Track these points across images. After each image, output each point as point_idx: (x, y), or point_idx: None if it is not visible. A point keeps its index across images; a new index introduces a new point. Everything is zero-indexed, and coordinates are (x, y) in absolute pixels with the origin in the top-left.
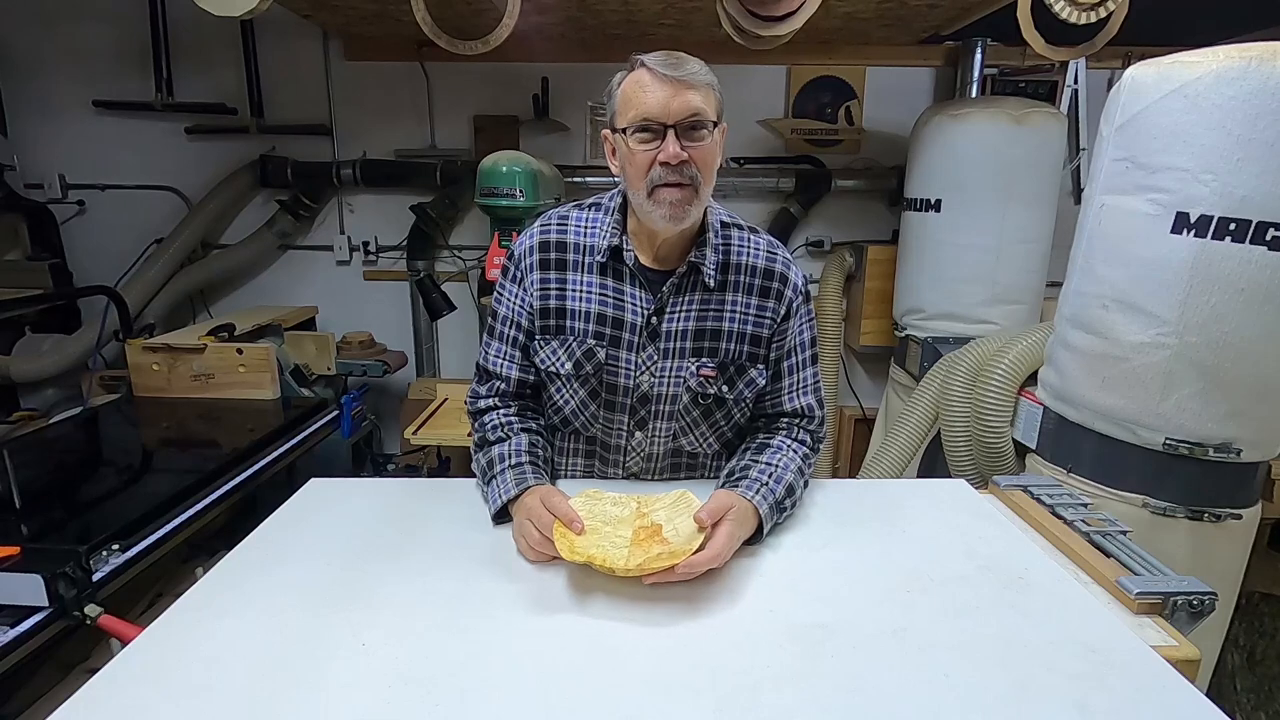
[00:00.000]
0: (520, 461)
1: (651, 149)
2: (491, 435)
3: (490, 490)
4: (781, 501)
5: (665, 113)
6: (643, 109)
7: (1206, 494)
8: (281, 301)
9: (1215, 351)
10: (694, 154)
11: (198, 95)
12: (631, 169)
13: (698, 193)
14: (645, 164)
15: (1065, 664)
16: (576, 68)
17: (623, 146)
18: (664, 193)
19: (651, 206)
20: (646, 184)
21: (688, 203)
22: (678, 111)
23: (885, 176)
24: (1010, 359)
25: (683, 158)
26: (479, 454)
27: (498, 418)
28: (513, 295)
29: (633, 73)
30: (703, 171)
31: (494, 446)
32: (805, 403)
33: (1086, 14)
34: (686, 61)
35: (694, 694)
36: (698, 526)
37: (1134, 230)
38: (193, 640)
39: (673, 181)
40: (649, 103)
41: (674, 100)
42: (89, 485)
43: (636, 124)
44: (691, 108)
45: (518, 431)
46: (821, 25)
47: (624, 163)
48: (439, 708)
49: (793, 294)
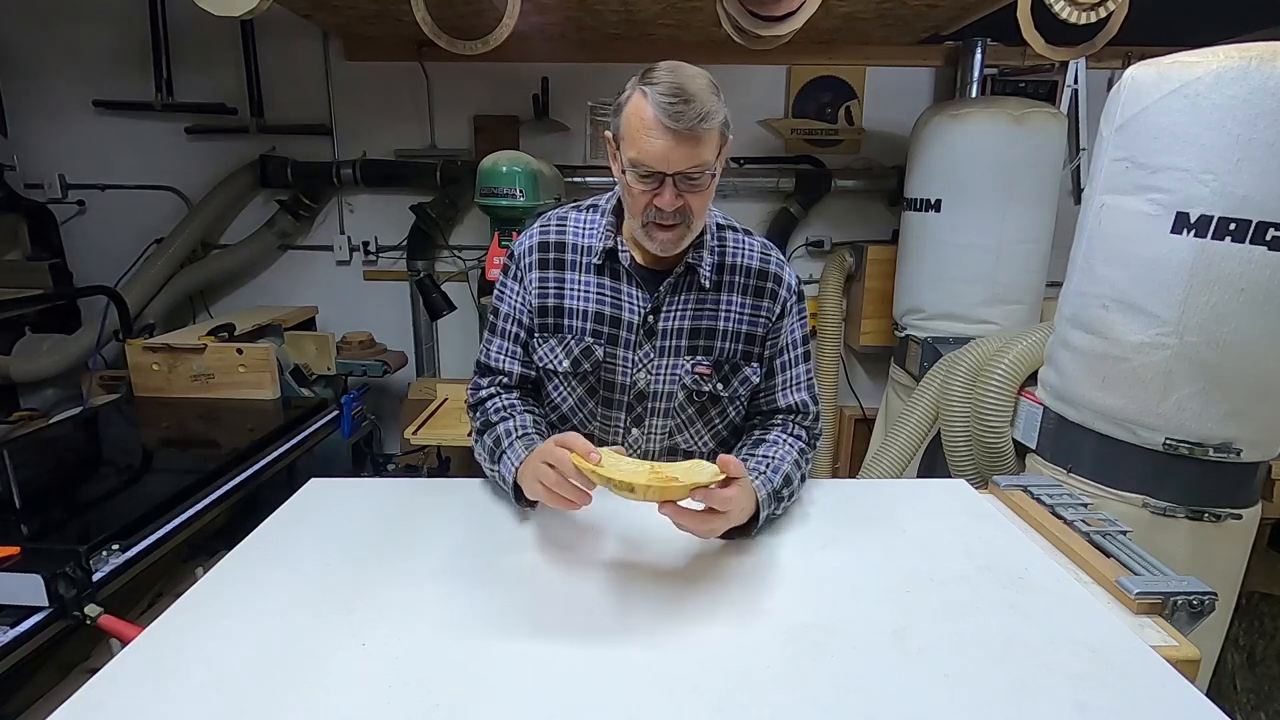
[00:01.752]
0: (528, 432)
1: (649, 191)
2: (495, 416)
3: (502, 467)
4: (779, 491)
5: (666, 164)
6: (643, 154)
7: (1206, 494)
8: (281, 301)
9: (1215, 351)
10: (689, 199)
11: (198, 95)
12: (629, 199)
13: (690, 228)
14: (642, 203)
15: (1065, 664)
16: (576, 68)
17: (618, 161)
18: (655, 231)
19: (644, 236)
20: (641, 219)
21: (679, 240)
22: (677, 163)
23: (885, 176)
24: (1010, 359)
25: (677, 205)
26: (483, 437)
27: (499, 401)
28: (514, 293)
29: (640, 100)
30: (696, 211)
31: (498, 425)
32: (799, 399)
33: (1086, 14)
34: (694, 103)
35: (694, 694)
36: (718, 469)
37: (1134, 230)
38: (193, 640)
39: (665, 224)
40: (650, 152)
41: (675, 151)
42: (89, 485)
43: (637, 168)
44: (691, 161)
45: (520, 412)
46: (821, 25)
47: (623, 187)
48: (439, 708)
49: (786, 294)
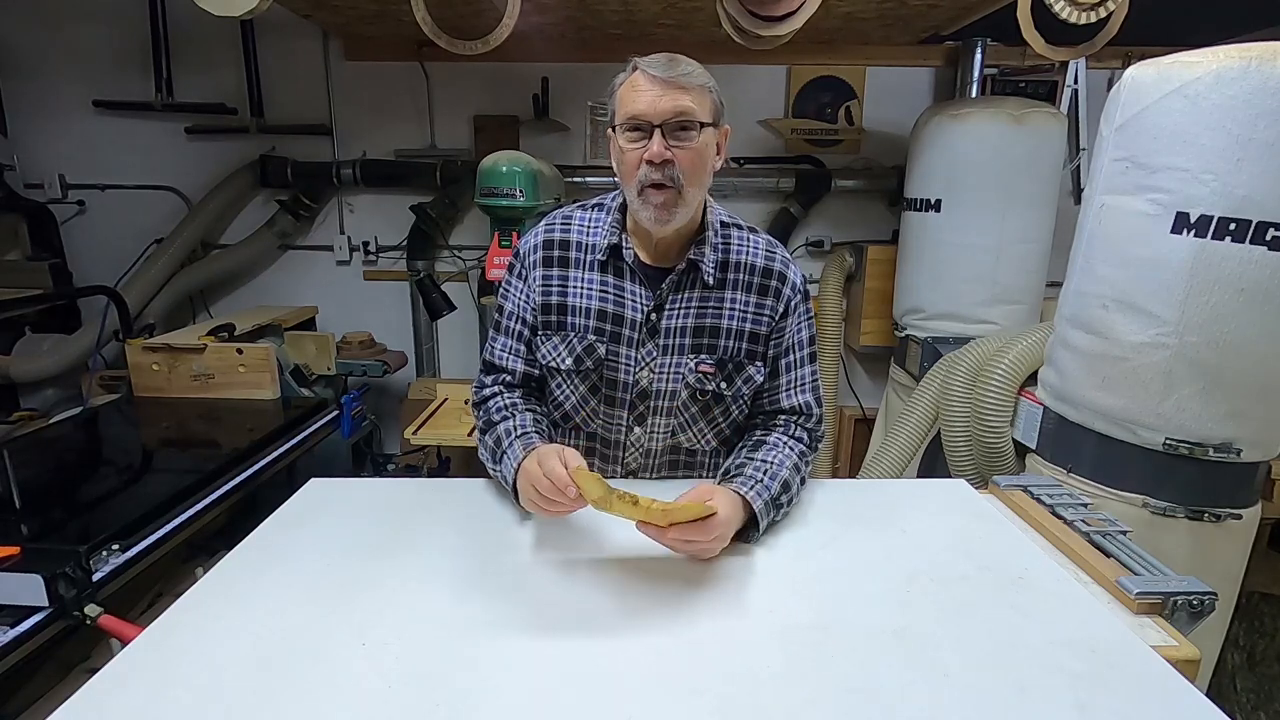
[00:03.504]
0: (528, 432)
1: (639, 148)
2: (496, 416)
3: (502, 467)
4: (777, 498)
5: (653, 111)
6: (632, 108)
7: (1206, 494)
8: (281, 301)
9: (1215, 351)
10: (680, 155)
11: (198, 95)
12: (623, 167)
13: (681, 194)
14: (634, 162)
15: (1065, 664)
16: (576, 68)
17: (616, 144)
18: (650, 194)
19: (640, 206)
20: (636, 183)
21: (672, 205)
22: (665, 111)
23: (885, 176)
24: (1010, 359)
25: (665, 156)
26: (485, 436)
27: (501, 400)
28: (518, 291)
29: (631, 75)
30: (687, 173)
31: (499, 425)
32: (803, 400)
33: (1086, 14)
34: (680, 63)
35: (694, 694)
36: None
37: (1134, 230)
38: (193, 640)
39: (656, 182)
40: (638, 101)
41: (662, 99)
42: (89, 485)
43: (627, 123)
44: (679, 108)
45: (522, 411)
46: (821, 25)
47: (617, 161)
48: (439, 708)
49: (791, 292)
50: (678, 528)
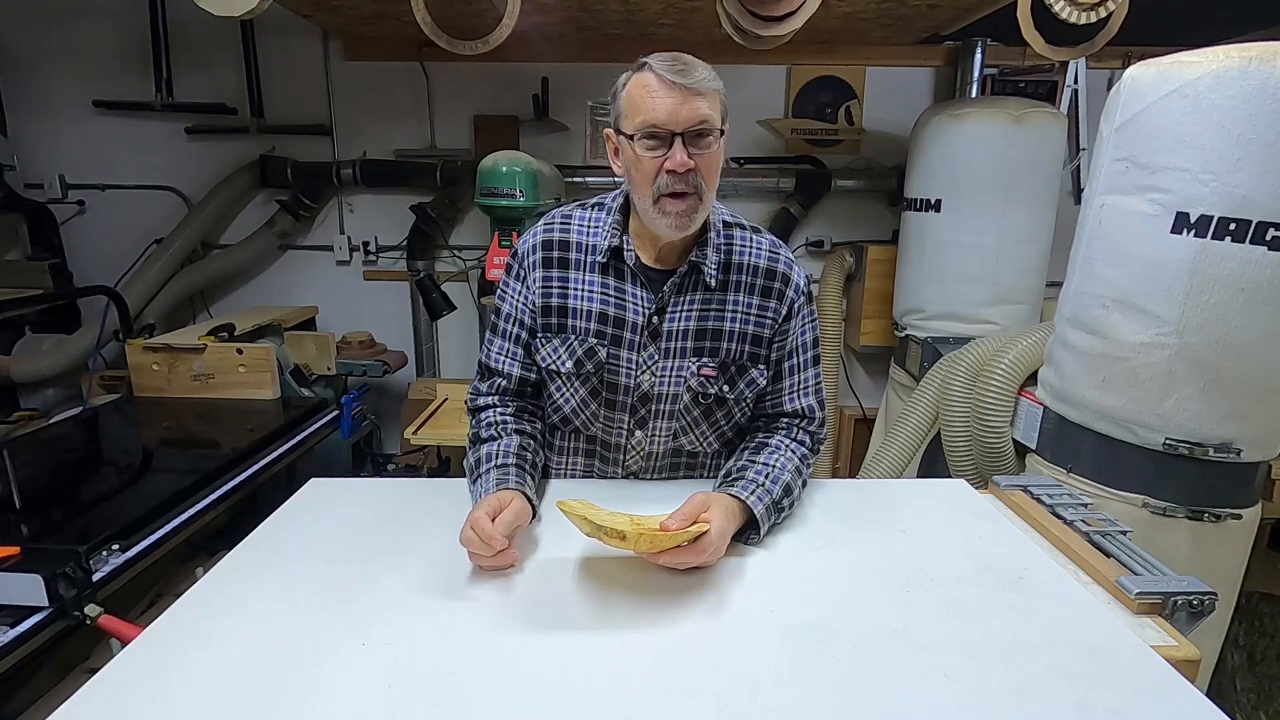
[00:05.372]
0: (506, 463)
1: (658, 156)
2: (484, 433)
3: (474, 490)
4: (779, 501)
5: (674, 120)
6: (650, 115)
7: (1206, 494)
8: (281, 301)
9: (1215, 351)
10: (700, 162)
11: (198, 95)
12: (638, 174)
13: (702, 200)
14: (652, 171)
15: (1065, 664)
16: (576, 68)
17: (628, 151)
18: (669, 203)
19: (657, 215)
20: (653, 192)
21: (693, 211)
22: (686, 119)
23: (885, 176)
24: (1010, 359)
25: (690, 166)
26: (470, 451)
27: (493, 415)
28: (516, 293)
29: (639, 75)
30: (707, 179)
31: (483, 445)
32: (806, 403)
33: (1086, 14)
34: (694, 67)
35: (694, 694)
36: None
37: (1134, 230)
38: (193, 640)
39: (678, 191)
40: (657, 110)
41: (682, 108)
42: (89, 485)
43: (644, 130)
44: (699, 116)
45: (510, 432)
46: (821, 25)
47: (629, 167)
48: (439, 708)
49: (795, 294)
50: (668, 553)
